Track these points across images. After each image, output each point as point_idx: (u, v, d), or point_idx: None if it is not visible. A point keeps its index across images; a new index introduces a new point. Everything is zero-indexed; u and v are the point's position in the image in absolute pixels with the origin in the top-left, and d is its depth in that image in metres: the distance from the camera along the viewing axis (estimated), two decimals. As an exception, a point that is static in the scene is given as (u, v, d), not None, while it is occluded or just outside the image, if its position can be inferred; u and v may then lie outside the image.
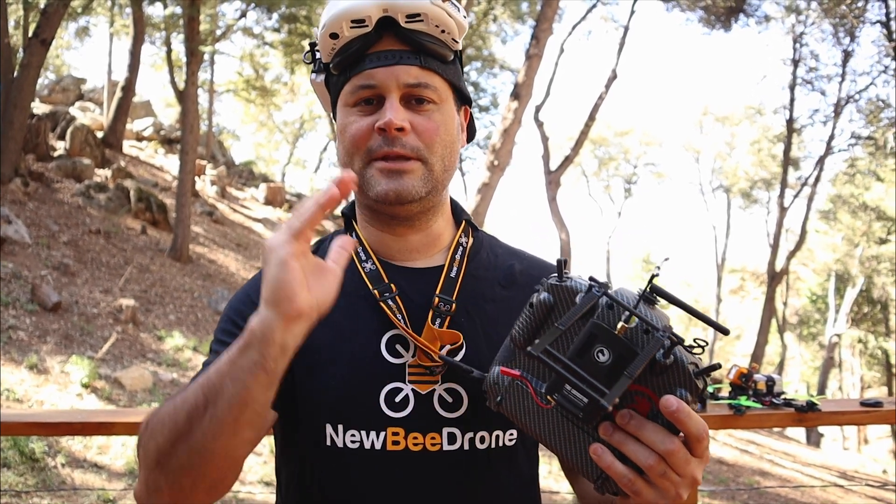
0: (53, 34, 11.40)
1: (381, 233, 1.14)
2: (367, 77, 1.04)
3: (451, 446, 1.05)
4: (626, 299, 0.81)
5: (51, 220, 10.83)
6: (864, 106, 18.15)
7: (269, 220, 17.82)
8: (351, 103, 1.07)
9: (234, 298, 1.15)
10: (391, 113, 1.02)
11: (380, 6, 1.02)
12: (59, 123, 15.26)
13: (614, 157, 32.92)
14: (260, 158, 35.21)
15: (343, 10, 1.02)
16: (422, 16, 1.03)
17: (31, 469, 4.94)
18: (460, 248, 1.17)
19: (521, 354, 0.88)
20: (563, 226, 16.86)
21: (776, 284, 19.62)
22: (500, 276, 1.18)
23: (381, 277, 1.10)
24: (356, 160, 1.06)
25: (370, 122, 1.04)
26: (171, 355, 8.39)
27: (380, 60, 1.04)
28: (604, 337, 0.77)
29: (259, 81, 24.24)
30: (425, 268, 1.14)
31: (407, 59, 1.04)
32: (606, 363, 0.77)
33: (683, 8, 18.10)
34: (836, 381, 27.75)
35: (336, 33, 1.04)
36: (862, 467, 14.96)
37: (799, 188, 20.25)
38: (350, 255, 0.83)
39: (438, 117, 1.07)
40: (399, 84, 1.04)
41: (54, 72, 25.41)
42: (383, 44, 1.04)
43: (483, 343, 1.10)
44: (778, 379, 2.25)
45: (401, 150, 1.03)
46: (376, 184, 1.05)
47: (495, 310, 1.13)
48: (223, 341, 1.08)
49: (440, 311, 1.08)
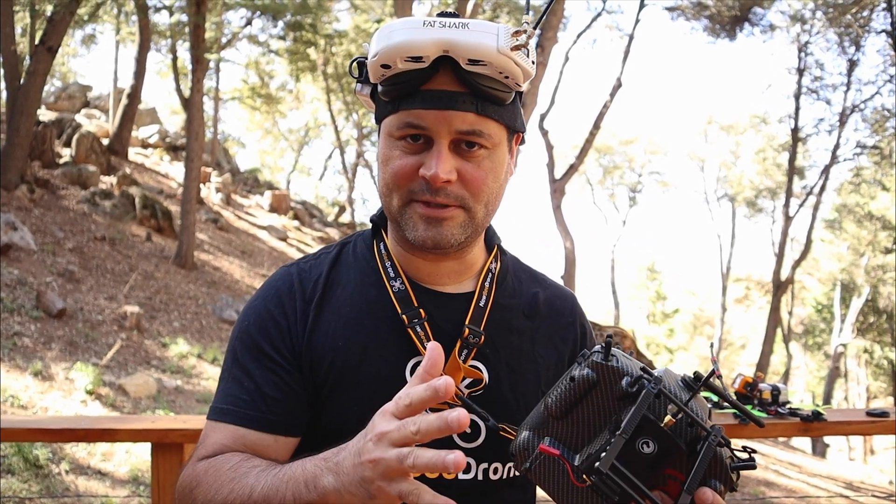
0: (60, 42, 11.46)
1: (409, 255, 1.10)
2: (417, 117, 0.98)
3: (466, 476, 1.05)
4: (674, 390, 0.81)
5: (56, 226, 10.87)
6: (870, 115, 18.13)
7: (274, 228, 17.84)
8: (396, 136, 1.01)
9: (252, 314, 1.10)
10: (438, 165, 0.96)
11: (440, 45, 0.93)
12: (65, 130, 15.32)
13: (619, 165, 32.91)
14: (265, 166, 35.27)
15: (399, 44, 0.93)
16: (485, 63, 0.95)
17: (34, 475, 4.93)
18: (490, 275, 1.15)
19: (553, 423, 0.87)
20: (568, 234, 16.84)
21: (781, 294, 19.56)
22: (524, 305, 1.16)
23: (411, 300, 1.08)
24: (395, 197, 1.02)
25: (414, 164, 0.99)
26: (176, 362, 8.39)
27: (433, 102, 0.96)
28: (650, 429, 0.77)
29: (264, 89, 24.35)
30: (455, 294, 1.11)
31: (462, 105, 0.96)
32: (651, 455, 0.77)
33: (688, 17, 18.13)
34: (842, 391, 27.59)
35: (388, 65, 0.96)
36: (868, 478, 14.85)
37: (804, 197, 20.21)
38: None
39: (488, 165, 1.01)
40: (451, 130, 0.97)
41: (60, 79, 25.56)
42: (438, 81, 0.96)
43: (505, 374, 1.09)
44: (783, 388, 2.24)
45: (444, 199, 0.99)
46: (414, 228, 1.01)
47: (519, 342, 1.13)
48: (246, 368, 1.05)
49: (468, 343, 1.07)
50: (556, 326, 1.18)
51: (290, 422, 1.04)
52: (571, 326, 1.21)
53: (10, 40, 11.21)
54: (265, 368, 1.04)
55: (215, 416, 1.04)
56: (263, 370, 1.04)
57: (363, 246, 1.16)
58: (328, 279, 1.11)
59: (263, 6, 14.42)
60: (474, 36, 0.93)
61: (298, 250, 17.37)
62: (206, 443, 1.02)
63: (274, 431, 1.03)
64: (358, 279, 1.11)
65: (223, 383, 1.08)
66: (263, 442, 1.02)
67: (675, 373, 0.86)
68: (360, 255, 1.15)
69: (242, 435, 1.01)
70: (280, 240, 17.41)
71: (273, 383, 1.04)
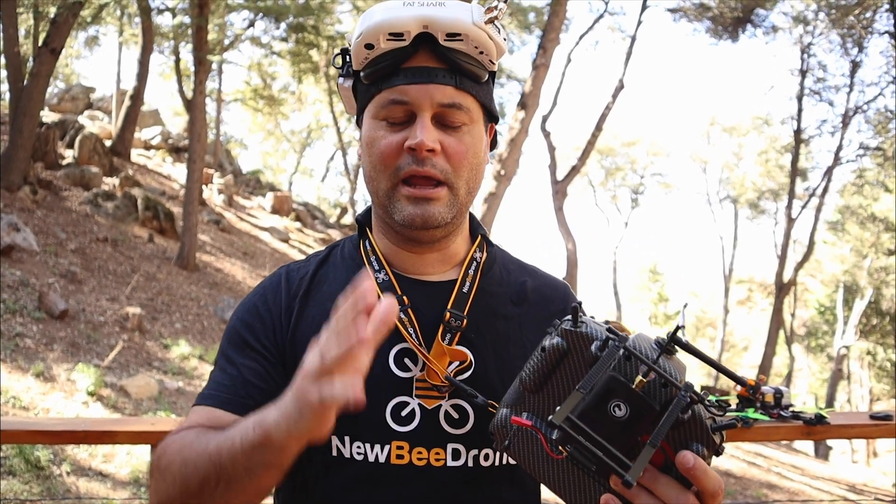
0: (63, 43, 11.48)
1: (395, 247, 1.13)
2: (401, 92, 1.02)
3: (456, 462, 1.05)
4: (645, 351, 0.78)
5: (58, 227, 10.88)
6: (873, 117, 18.09)
7: (276, 229, 17.85)
8: (380, 116, 1.04)
9: (241, 309, 1.14)
10: (423, 133, 1.00)
11: (420, 21, 0.99)
12: (68, 132, 15.33)
13: (621, 167, 32.90)
14: (267, 167, 35.32)
15: (381, 21, 1.00)
16: (462, 36, 1.01)
17: (36, 477, 4.93)
18: (474, 263, 1.16)
19: (530, 398, 0.86)
20: (570, 236, 16.83)
21: (784, 296, 19.52)
22: (512, 292, 1.17)
23: (394, 288, 1.10)
24: (382, 179, 1.05)
25: (400, 139, 1.03)
26: (177, 364, 8.39)
27: (414, 77, 1.02)
28: (621, 392, 0.75)
29: (267, 91, 24.37)
30: (438, 282, 1.13)
31: (442, 78, 1.02)
32: (622, 418, 0.75)
33: (691, 18, 18.11)
34: (845, 393, 27.54)
35: (371, 44, 1.01)
36: (871, 481, 14.82)
37: (807, 199, 20.17)
38: (391, 328, 0.77)
39: (468, 140, 1.06)
40: (433, 103, 1.02)
41: (63, 80, 25.60)
42: (418, 59, 1.02)
43: (492, 360, 1.09)
44: (786, 391, 2.23)
45: (430, 170, 1.02)
46: (402, 209, 1.04)
47: (506, 327, 1.13)
48: (230, 357, 1.09)
49: (451, 327, 1.08)
50: (546, 313, 1.17)
51: None
52: (562, 314, 1.20)
53: (14, 42, 11.23)
54: (247, 357, 1.07)
55: (199, 401, 1.07)
56: (245, 359, 1.07)
57: (350, 246, 1.19)
58: (314, 276, 1.14)
59: (266, 8, 14.43)
60: (451, 12, 1.00)
61: (300, 252, 17.37)
62: (184, 423, 1.06)
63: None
64: (344, 276, 1.13)
65: (211, 374, 1.11)
66: None
67: (649, 336, 0.83)
68: (347, 255, 1.18)
69: (218, 416, 1.03)
70: (282, 241, 17.42)
71: (254, 371, 1.06)
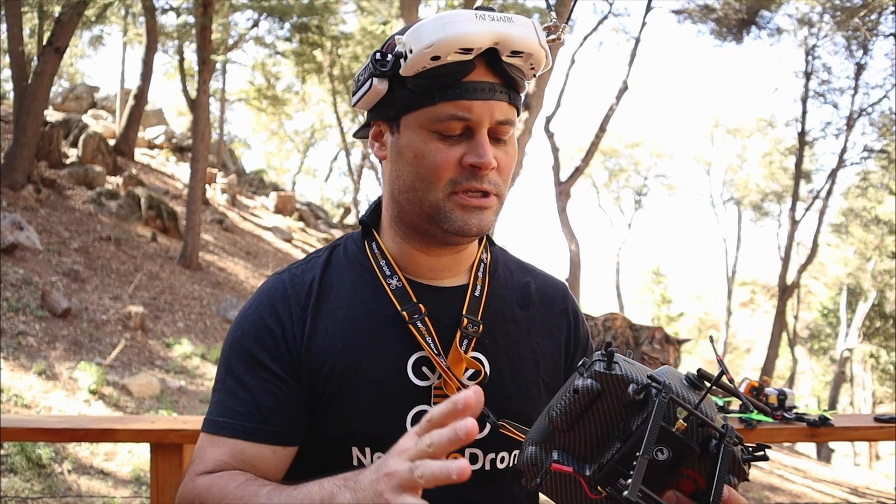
0: (67, 43, 11.50)
1: (412, 250, 1.11)
2: (464, 108, 0.99)
3: (473, 466, 1.05)
4: (681, 393, 0.80)
5: (62, 226, 10.89)
6: (877, 119, 18.07)
7: (279, 229, 17.87)
8: (434, 129, 1.01)
9: (246, 323, 1.09)
10: (488, 153, 1.00)
11: (493, 38, 0.97)
12: (72, 131, 15.37)
13: (625, 168, 32.87)
14: (270, 167, 35.35)
15: (457, 36, 0.95)
16: (524, 54, 1.00)
17: (37, 475, 4.93)
18: (482, 265, 1.16)
19: (560, 435, 0.85)
20: (573, 237, 16.82)
21: (787, 298, 19.49)
22: (518, 295, 1.18)
23: (409, 296, 1.08)
24: (433, 190, 1.02)
25: (457, 154, 1.01)
26: (180, 363, 8.40)
27: (477, 93, 0.99)
28: (663, 436, 0.76)
29: (270, 90, 24.39)
30: (451, 287, 1.12)
31: (500, 94, 1.01)
32: (666, 461, 0.76)
33: (695, 20, 18.09)
34: (848, 396, 27.47)
35: (439, 55, 0.97)
36: (874, 483, 14.78)
37: (811, 201, 20.13)
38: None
39: (512, 151, 1.06)
40: (492, 120, 1.01)
41: (68, 80, 25.64)
42: (477, 73, 1.00)
43: (505, 364, 1.10)
44: (790, 393, 2.22)
45: (487, 186, 1.02)
46: (457, 218, 1.02)
47: (516, 331, 1.14)
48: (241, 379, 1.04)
49: (468, 333, 1.07)
50: (550, 315, 1.19)
51: (288, 432, 1.04)
52: (564, 314, 1.22)
53: (18, 41, 11.25)
54: (260, 378, 1.04)
55: (212, 430, 1.03)
56: (259, 380, 1.04)
57: (354, 248, 1.16)
58: (322, 283, 1.11)
59: (270, 8, 14.45)
60: (521, 30, 0.98)
61: (303, 251, 17.38)
62: (205, 458, 1.01)
63: (272, 442, 1.02)
64: (352, 281, 1.11)
65: (218, 395, 1.06)
66: (262, 454, 1.02)
67: (677, 371, 0.85)
68: (351, 257, 1.14)
69: (241, 449, 1.01)
70: (285, 241, 17.43)
71: (269, 393, 1.03)
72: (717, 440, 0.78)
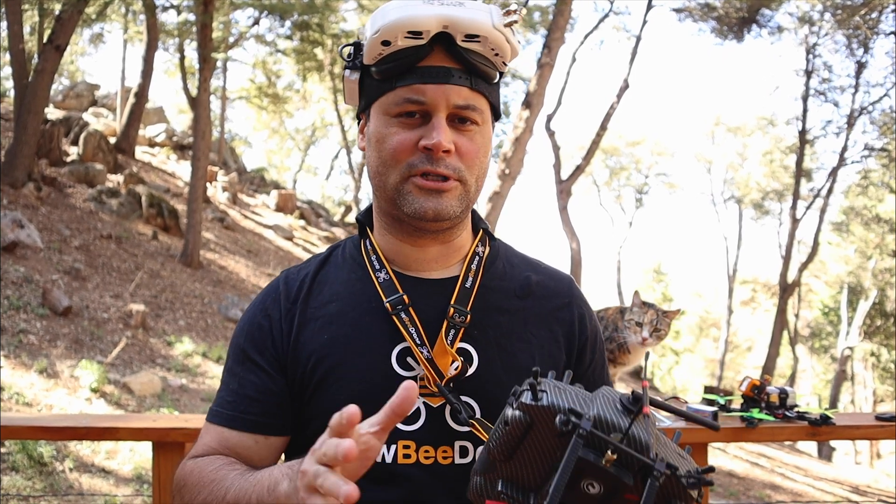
0: (68, 40, 11.49)
1: (400, 242, 1.12)
2: (417, 92, 1.01)
3: (464, 459, 1.05)
4: (611, 419, 0.77)
5: (63, 224, 10.89)
6: (878, 117, 18.04)
7: (280, 227, 17.87)
8: (392, 113, 1.04)
9: (242, 321, 1.15)
10: (440, 135, 1.00)
11: (440, 21, 0.98)
12: (73, 129, 15.37)
13: (626, 166, 32.83)
14: (271, 165, 35.35)
15: (402, 19, 0.98)
16: (480, 38, 1.01)
17: (39, 473, 4.94)
18: (476, 257, 1.16)
19: (500, 465, 0.85)
20: (574, 235, 16.81)
21: (788, 296, 19.48)
22: (516, 286, 1.17)
23: (395, 287, 1.09)
24: (392, 173, 1.04)
25: (413, 138, 1.02)
26: (181, 361, 8.40)
27: (431, 76, 1.01)
28: (591, 471, 0.74)
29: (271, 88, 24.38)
30: (441, 279, 1.13)
31: (458, 79, 1.02)
32: (598, 495, 0.75)
33: (696, 18, 18.07)
34: (849, 394, 27.46)
35: (388, 41, 1.00)
36: (875, 482, 14.78)
37: (811, 200, 20.12)
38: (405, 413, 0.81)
39: (479, 140, 1.06)
40: (448, 104, 1.02)
41: (68, 77, 25.64)
42: (434, 58, 1.02)
43: (496, 355, 1.09)
44: (791, 391, 2.22)
45: (444, 170, 1.02)
46: (413, 200, 1.03)
47: (509, 321, 1.13)
48: (233, 371, 1.11)
49: (455, 323, 1.08)
50: (550, 307, 1.18)
51: (270, 422, 1.08)
52: (567, 308, 1.19)
53: (19, 39, 11.25)
54: (247, 371, 1.09)
55: (208, 417, 1.11)
56: (245, 372, 1.09)
57: (351, 246, 1.19)
58: (314, 278, 1.15)
59: (271, 6, 14.43)
60: (472, 13, 1.00)
61: (304, 249, 17.38)
62: (198, 443, 1.09)
63: (253, 431, 1.07)
64: (345, 276, 1.14)
65: (219, 387, 1.13)
66: (244, 442, 1.07)
67: (614, 393, 0.82)
68: (348, 255, 1.18)
69: (226, 437, 1.06)
70: (286, 239, 17.43)
71: (252, 384, 1.08)
72: (649, 471, 0.74)
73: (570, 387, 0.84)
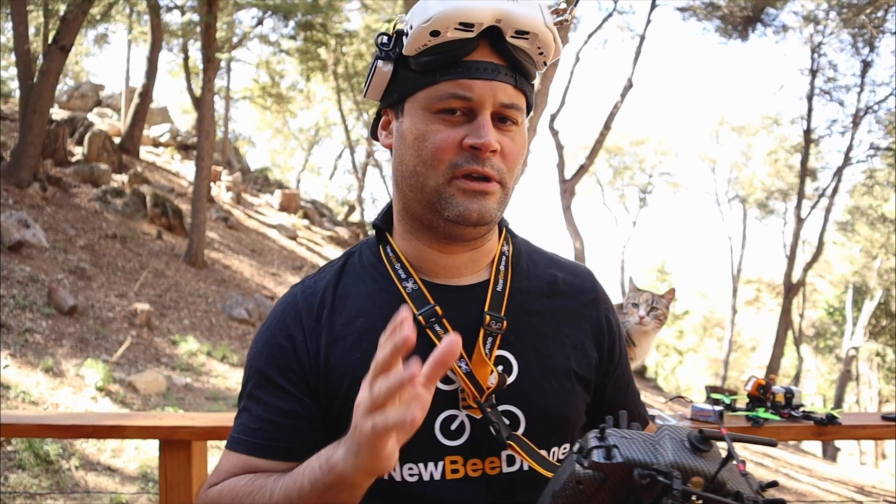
0: (73, 41, 11.52)
1: (427, 248, 1.07)
2: (464, 87, 0.96)
3: (511, 468, 1.03)
4: (690, 465, 0.76)
5: (68, 224, 10.93)
6: (884, 117, 17.97)
7: (284, 227, 17.89)
8: (434, 109, 0.98)
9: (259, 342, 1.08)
10: (489, 133, 0.96)
11: (495, 14, 0.94)
12: (78, 129, 15.41)
13: (629, 166, 32.81)
14: (275, 165, 35.40)
15: (456, 9, 0.92)
16: (530, 35, 0.97)
17: (45, 471, 4.96)
18: (503, 258, 1.12)
19: None
20: (578, 235, 16.81)
21: (793, 296, 19.44)
22: (544, 286, 1.14)
23: (426, 298, 1.05)
24: (433, 174, 0.99)
25: (457, 136, 0.97)
26: (185, 360, 8.42)
27: (479, 72, 0.96)
28: None
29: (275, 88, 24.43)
30: (470, 285, 1.09)
31: (504, 76, 0.97)
32: None
33: (700, 17, 18.04)
34: (854, 394, 27.39)
35: (438, 31, 0.94)
36: (880, 483, 14.74)
37: (816, 199, 20.07)
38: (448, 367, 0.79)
39: (520, 140, 1.02)
40: (495, 101, 0.97)
41: (73, 78, 25.72)
42: (481, 52, 0.96)
43: (534, 360, 1.07)
44: (797, 391, 2.21)
45: (489, 170, 0.98)
46: (457, 204, 0.98)
47: (542, 323, 1.10)
48: (254, 396, 1.05)
49: (491, 331, 1.04)
50: (578, 304, 1.15)
51: (300, 447, 1.03)
52: (594, 304, 1.17)
53: (24, 39, 11.29)
54: (271, 395, 1.03)
55: (229, 446, 1.05)
56: (270, 397, 1.03)
57: (369, 253, 1.12)
58: (335, 292, 1.08)
59: (274, 6, 14.45)
60: (526, 9, 0.95)
61: (308, 249, 17.41)
62: (218, 470, 1.04)
63: (282, 458, 1.02)
64: (368, 288, 1.08)
65: (238, 412, 1.08)
66: (273, 469, 1.02)
67: (679, 432, 0.80)
68: (366, 263, 1.11)
69: (252, 464, 1.02)
70: (290, 238, 17.46)
71: (278, 409, 1.03)
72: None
73: (634, 432, 0.82)
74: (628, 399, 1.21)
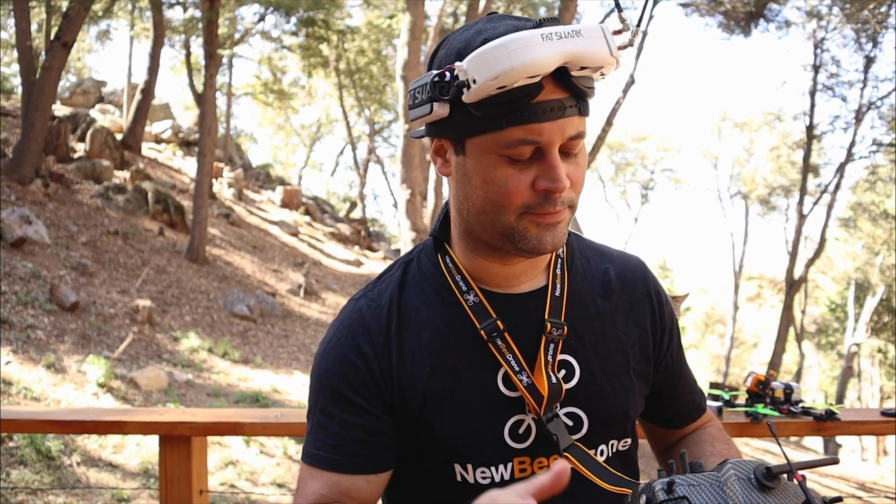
0: (75, 37, 11.53)
1: (487, 261, 1.07)
2: (532, 132, 0.92)
3: None
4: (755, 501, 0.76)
5: (70, 220, 10.94)
6: (886, 112, 17.93)
7: (286, 223, 17.90)
8: (503, 154, 0.94)
9: (329, 358, 1.08)
10: (560, 176, 0.94)
11: (562, 59, 0.89)
12: (80, 125, 15.43)
13: (631, 162, 32.81)
14: (277, 161, 35.43)
15: (524, 65, 0.87)
16: (595, 67, 0.94)
17: (46, 467, 4.97)
18: (559, 260, 1.13)
19: None
20: (580, 231, 16.78)
21: (794, 292, 19.42)
22: (598, 285, 1.14)
23: (487, 311, 1.05)
24: (505, 214, 0.97)
25: (527, 180, 0.95)
26: (187, 356, 8.44)
27: (546, 114, 0.92)
28: None
29: (277, 85, 24.44)
30: (530, 291, 1.09)
31: (570, 109, 0.94)
32: None
33: (702, 13, 17.97)
34: (855, 391, 27.38)
35: (505, 85, 0.90)
36: (881, 479, 14.75)
37: (818, 195, 20.03)
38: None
39: (582, 161, 1.00)
40: (563, 137, 0.94)
41: (75, 74, 25.73)
42: (547, 92, 0.92)
43: (596, 364, 1.09)
44: (796, 387, 2.21)
45: (560, 207, 0.97)
46: (531, 237, 0.98)
47: (601, 325, 1.11)
48: (330, 413, 1.06)
49: (552, 338, 1.05)
50: (633, 300, 1.16)
51: (379, 462, 1.06)
52: (647, 297, 1.18)
53: (26, 36, 11.30)
54: (348, 412, 1.05)
55: (309, 461, 1.06)
56: (346, 414, 1.05)
57: (427, 263, 1.12)
58: (400, 305, 1.09)
59: (276, 2, 14.46)
60: (591, 44, 0.91)
61: (310, 245, 17.42)
62: (306, 490, 1.05)
63: (364, 472, 1.05)
64: (430, 299, 1.09)
65: (310, 426, 1.09)
66: (357, 484, 1.05)
67: (744, 467, 0.79)
68: (427, 274, 1.11)
69: (336, 481, 1.04)
70: (291, 235, 17.47)
71: (357, 426, 1.04)
72: None
73: (701, 476, 0.80)
74: (682, 386, 1.24)
